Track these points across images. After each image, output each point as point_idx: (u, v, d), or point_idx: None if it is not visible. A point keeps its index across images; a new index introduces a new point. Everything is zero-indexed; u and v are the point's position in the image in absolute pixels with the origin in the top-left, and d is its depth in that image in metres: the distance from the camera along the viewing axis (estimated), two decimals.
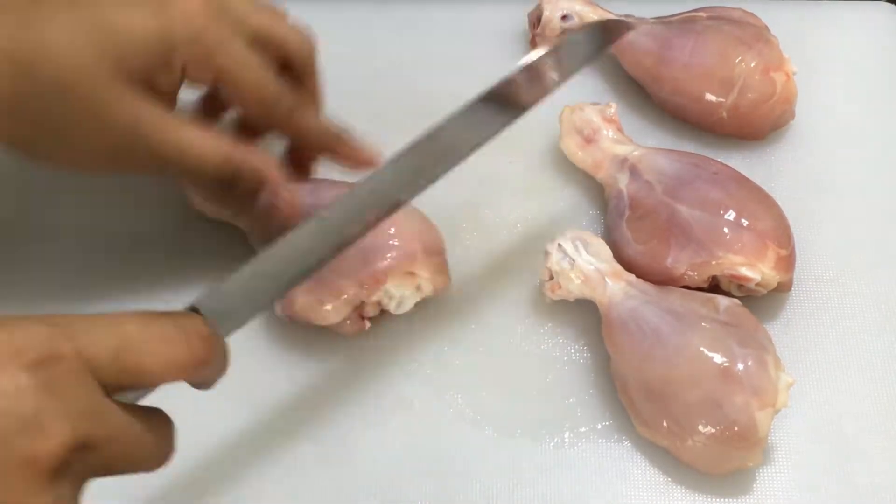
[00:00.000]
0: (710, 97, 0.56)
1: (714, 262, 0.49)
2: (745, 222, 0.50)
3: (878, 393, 0.50)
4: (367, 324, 0.50)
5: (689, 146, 0.57)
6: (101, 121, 0.44)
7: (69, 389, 0.32)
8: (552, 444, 0.49)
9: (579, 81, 0.60)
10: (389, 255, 0.48)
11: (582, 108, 0.56)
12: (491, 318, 0.52)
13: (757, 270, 0.49)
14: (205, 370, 0.37)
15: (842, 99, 0.60)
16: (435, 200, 0.56)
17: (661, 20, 0.59)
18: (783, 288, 0.51)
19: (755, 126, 0.57)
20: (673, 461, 0.48)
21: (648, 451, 0.48)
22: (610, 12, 0.60)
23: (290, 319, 0.49)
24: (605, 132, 0.55)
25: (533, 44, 0.61)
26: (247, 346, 0.51)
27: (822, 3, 0.65)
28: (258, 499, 0.47)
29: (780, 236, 0.50)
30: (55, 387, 0.31)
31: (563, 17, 0.60)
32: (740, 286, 0.50)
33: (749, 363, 0.45)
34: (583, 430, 0.49)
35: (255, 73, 0.46)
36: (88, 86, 0.43)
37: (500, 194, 0.56)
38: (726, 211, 0.50)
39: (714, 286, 0.50)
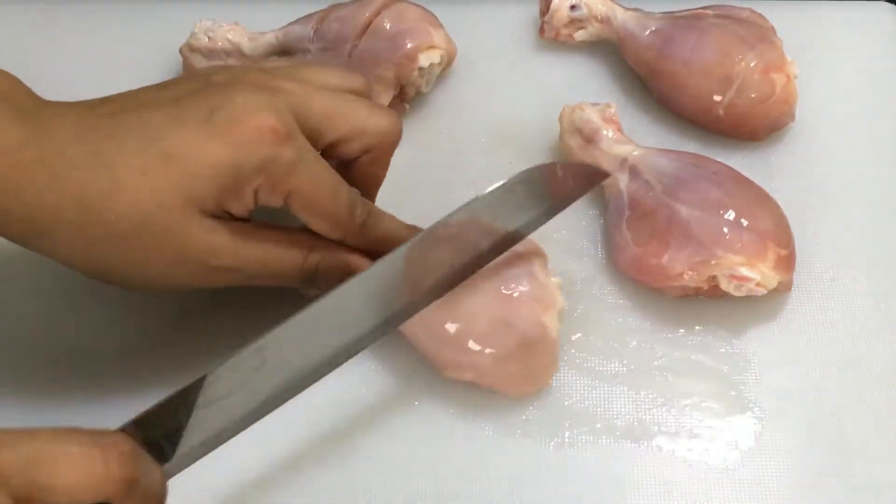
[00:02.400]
0: (707, 94, 0.56)
1: (714, 262, 0.49)
2: (744, 222, 0.50)
3: (878, 393, 0.50)
4: (406, 107, 0.59)
5: (689, 146, 0.58)
6: (178, 252, 0.43)
7: None
8: (552, 444, 0.49)
9: (580, 78, 0.61)
10: (411, 38, 0.57)
11: (582, 108, 0.56)
12: None
13: (757, 270, 0.49)
14: (127, 492, 0.34)
15: (842, 99, 0.60)
16: (435, 201, 0.56)
17: (668, 15, 0.59)
18: (783, 288, 0.51)
19: (752, 126, 0.57)
20: (673, 461, 0.48)
21: (648, 452, 0.48)
22: (619, 4, 0.60)
23: None
24: (604, 132, 0.55)
25: (542, 32, 0.62)
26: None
27: (822, 2, 0.65)
28: (258, 499, 0.47)
29: (780, 236, 0.50)
30: None
31: (572, 7, 0.60)
32: (740, 286, 0.50)
33: (523, 281, 0.47)
34: (583, 429, 0.49)
35: (325, 193, 0.44)
36: (162, 222, 0.42)
37: None
38: (726, 211, 0.50)
39: (714, 286, 0.50)
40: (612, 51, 0.62)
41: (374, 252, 0.47)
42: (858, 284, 0.53)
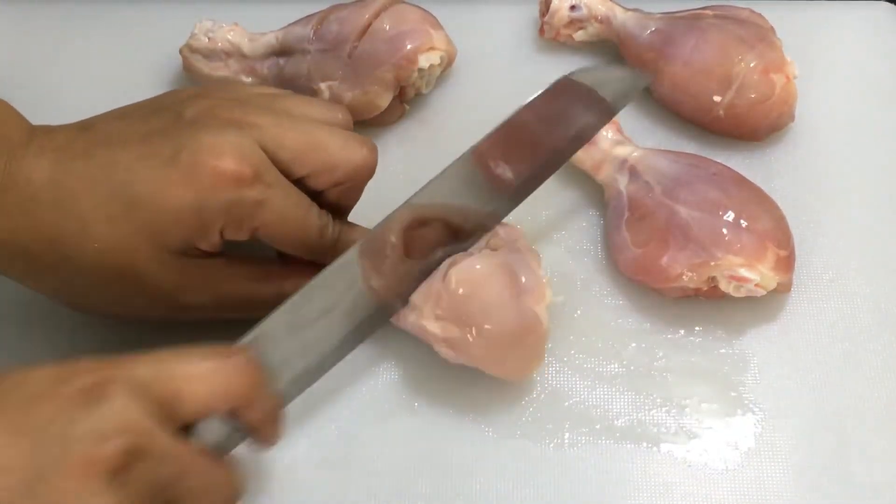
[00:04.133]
0: (707, 94, 0.56)
1: (713, 263, 0.49)
2: (744, 223, 0.50)
3: (878, 393, 0.50)
4: (406, 107, 0.59)
5: (689, 147, 0.58)
6: (149, 293, 0.45)
7: (120, 403, 0.33)
8: (552, 444, 0.49)
9: None
10: (410, 39, 0.57)
11: None
12: None
13: (756, 271, 0.49)
14: (252, 401, 0.38)
15: (842, 99, 0.60)
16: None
17: (668, 16, 0.59)
18: (783, 289, 0.51)
19: (752, 126, 0.57)
20: (673, 462, 0.48)
21: (648, 452, 0.48)
22: (619, 4, 0.60)
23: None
24: (604, 133, 0.55)
25: (541, 32, 0.62)
26: None
27: (822, 2, 0.65)
28: (257, 499, 0.47)
29: (780, 237, 0.50)
30: (106, 401, 0.33)
31: (572, 7, 0.60)
32: (740, 287, 0.50)
33: (522, 271, 0.47)
34: (583, 430, 0.49)
35: (292, 225, 0.45)
36: (131, 265, 0.44)
37: None
38: (725, 212, 0.50)
39: (713, 287, 0.50)
40: (612, 51, 0.62)
41: None
42: (858, 284, 0.53)
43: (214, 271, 0.45)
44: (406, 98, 0.59)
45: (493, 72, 0.62)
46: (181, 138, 0.43)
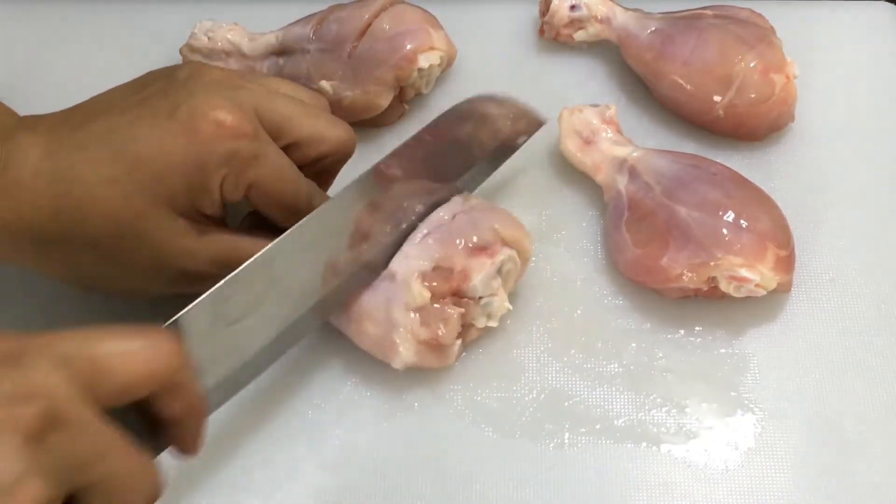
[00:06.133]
0: (707, 95, 0.56)
1: (713, 263, 0.49)
2: (744, 223, 0.50)
3: (878, 393, 0.50)
4: (406, 107, 0.59)
5: (688, 147, 0.58)
6: (155, 257, 0.45)
7: (40, 370, 0.31)
8: (552, 444, 0.49)
9: (580, 78, 0.61)
10: (410, 40, 0.57)
11: (581, 109, 0.56)
12: None
13: (756, 271, 0.49)
14: (171, 388, 0.35)
15: (842, 99, 0.60)
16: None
17: (667, 16, 0.59)
18: (783, 288, 0.51)
19: (752, 126, 0.57)
20: (673, 462, 0.48)
21: (648, 452, 0.48)
22: (619, 4, 0.60)
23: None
24: (604, 134, 0.55)
25: (541, 32, 0.62)
26: None
27: (822, 2, 0.65)
28: (256, 500, 0.47)
29: (780, 237, 0.50)
30: (25, 367, 0.31)
31: (572, 7, 0.60)
32: (740, 287, 0.50)
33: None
34: (583, 430, 0.49)
35: (286, 184, 0.46)
36: (137, 226, 0.43)
37: (500, 195, 0.56)
38: (725, 212, 0.50)
39: (713, 287, 0.50)
40: (612, 51, 0.62)
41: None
42: (858, 284, 0.53)
43: (218, 237, 0.46)
44: (406, 98, 0.59)
45: (493, 72, 0.62)
46: (177, 96, 0.44)
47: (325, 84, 0.57)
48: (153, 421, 0.36)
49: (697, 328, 0.52)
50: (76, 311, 0.52)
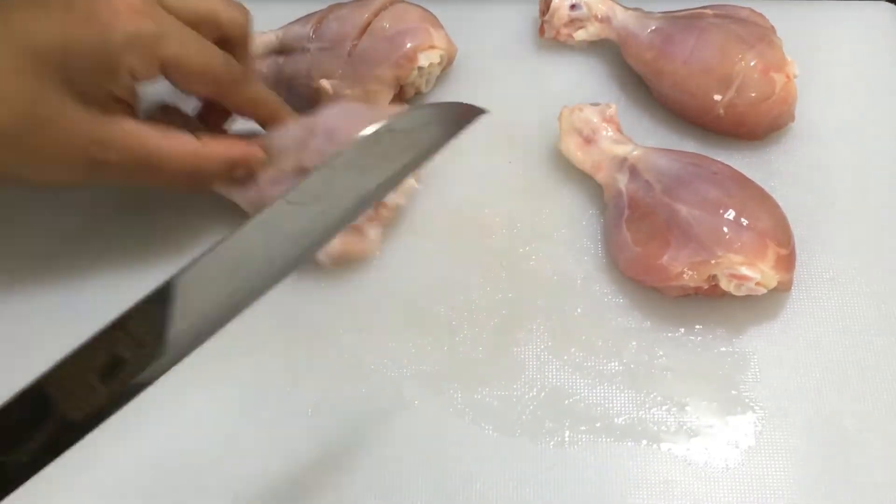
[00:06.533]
0: (707, 94, 0.56)
1: (714, 262, 0.49)
2: (744, 222, 0.50)
3: (878, 393, 0.50)
4: (406, 106, 0.58)
5: (689, 146, 0.58)
6: (65, 144, 0.45)
7: None
8: (552, 442, 0.49)
9: (580, 78, 0.61)
10: (410, 38, 0.57)
11: (581, 108, 0.56)
12: None
13: (757, 270, 0.49)
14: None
15: (842, 99, 0.60)
16: (434, 201, 0.56)
17: (668, 15, 0.59)
18: (783, 287, 0.51)
19: (752, 126, 0.57)
20: (673, 461, 0.48)
21: (648, 451, 0.48)
22: (619, 3, 0.60)
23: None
24: (604, 132, 0.55)
25: (541, 31, 0.62)
26: (245, 344, 0.51)
27: (822, 2, 0.65)
28: (256, 500, 0.47)
29: (780, 236, 0.50)
30: None
31: (572, 7, 0.60)
32: (740, 285, 0.50)
33: None
34: (583, 428, 0.49)
35: (199, 57, 0.47)
36: (43, 114, 0.44)
37: (500, 194, 0.56)
38: (726, 210, 0.50)
39: (714, 286, 0.50)
40: (612, 51, 0.62)
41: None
42: (858, 284, 0.53)
43: (129, 127, 0.46)
44: (406, 97, 0.59)
45: (492, 71, 0.62)
46: None
47: (325, 83, 0.57)
48: None
49: (698, 327, 0.52)
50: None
